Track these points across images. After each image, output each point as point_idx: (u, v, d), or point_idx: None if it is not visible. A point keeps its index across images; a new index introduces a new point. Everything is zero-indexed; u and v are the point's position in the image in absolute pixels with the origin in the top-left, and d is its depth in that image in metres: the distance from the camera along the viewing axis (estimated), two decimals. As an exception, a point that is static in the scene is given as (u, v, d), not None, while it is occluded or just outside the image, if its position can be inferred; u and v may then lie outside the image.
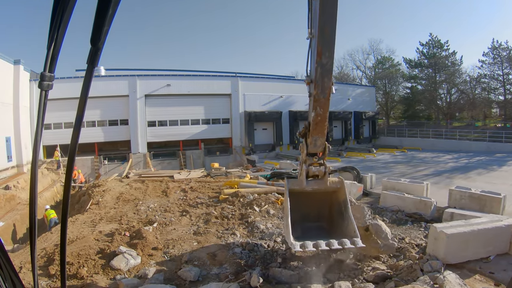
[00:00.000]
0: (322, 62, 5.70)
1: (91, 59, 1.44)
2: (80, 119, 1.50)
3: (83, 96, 1.47)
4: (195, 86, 34.57)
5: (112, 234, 9.67)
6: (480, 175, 19.48)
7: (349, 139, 42.44)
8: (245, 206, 12.25)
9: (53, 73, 1.44)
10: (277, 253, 8.05)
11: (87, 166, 29.50)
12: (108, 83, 31.21)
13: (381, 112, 56.61)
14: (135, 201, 14.34)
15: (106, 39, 1.42)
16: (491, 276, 6.72)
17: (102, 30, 1.37)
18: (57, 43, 1.35)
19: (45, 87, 1.45)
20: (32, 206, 1.61)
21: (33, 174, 1.63)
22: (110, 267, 7.48)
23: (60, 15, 1.29)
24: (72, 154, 1.56)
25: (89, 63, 1.45)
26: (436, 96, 50.31)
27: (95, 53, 1.43)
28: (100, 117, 31.61)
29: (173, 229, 10.37)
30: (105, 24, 1.36)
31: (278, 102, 38.25)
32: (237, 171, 22.70)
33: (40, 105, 1.47)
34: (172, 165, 32.23)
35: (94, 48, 1.41)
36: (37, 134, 1.50)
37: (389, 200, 12.07)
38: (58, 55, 1.39)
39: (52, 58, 1.39)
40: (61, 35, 1.34)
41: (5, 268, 1.36)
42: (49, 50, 1.35)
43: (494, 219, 8.03)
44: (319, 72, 5.81)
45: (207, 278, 7.10)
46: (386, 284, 6.60)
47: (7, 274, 1.36)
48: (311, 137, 6.64)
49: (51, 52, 1.37)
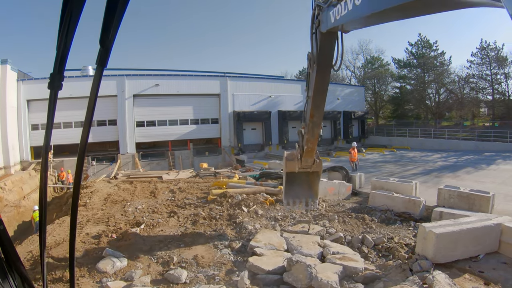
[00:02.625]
0: (313, 120, 7.91)
1: (100, 60, 1.42)
2: (89, 120, 1.49)
3: (92, 97, 1.45)
4: (184, 86, 34.37)
5: (99, 236, 9.56)
6: (469, 174, 19.56)
7: (338, 139, 42.43)
8: (233, 206, 12.15)
9: (62, 74, 1.42)
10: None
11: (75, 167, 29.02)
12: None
13: (370, 112, 56.79)
14: (123, 202, 14.15)
15: (115, 39, 1.41)
16: (481, 275, 6.70)
17: (110, 31, 1.36)
18: (66, 43, 1.34)
19: (55, 88, 1.42)
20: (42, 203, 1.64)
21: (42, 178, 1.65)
22: (96, 270, 7.35)
23: (69, 15, 1.28)
24: (82, 155, 1.58)
25: (98, 64, 1.42)
26: (425, 96, 50.62)
27: (104, 54, 1.42)
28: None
29: (161, 231, 10.23)
30: (113, 25, 1.35)
31: (267, 102, 38.19)
32: (226, 171, 22.60)
33: (50, 106, 1.46)
34: (161, 166, 31.98)
35: (103, 49, 1.40)
36: (47, 135, 1.52)
37: (378, 199, 12.03)
38: (67, 55, 1.38)
39: (61, 59, 1.37)
40: (70, 35, 1.33)
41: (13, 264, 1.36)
42: (58, 51, 1.34)
43: (483, 218, 8.04)
44: (311, 126, 8.04)
45: (194, 280, 7.00)
46: (375, 284, 6.60)
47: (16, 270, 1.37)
48: (303, 158, 8.79)
49: (61, 53, 1.35)
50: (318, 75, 7.11)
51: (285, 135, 38.00)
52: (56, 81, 1.43)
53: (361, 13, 4.35)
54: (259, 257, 7.64)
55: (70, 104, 27.24)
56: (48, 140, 1.54)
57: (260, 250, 8.04)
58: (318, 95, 7.51)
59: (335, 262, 7.32)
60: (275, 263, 7.25)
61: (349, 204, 12.98)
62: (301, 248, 8.20)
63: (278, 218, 11.03)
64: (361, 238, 8.81)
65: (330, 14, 5.67)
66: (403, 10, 3.56)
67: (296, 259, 6.73)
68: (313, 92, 7.48)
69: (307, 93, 8.09)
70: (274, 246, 8.34)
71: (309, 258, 7.56)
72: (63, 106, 27.35)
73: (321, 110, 7.88)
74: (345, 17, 4.99)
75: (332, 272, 6.72)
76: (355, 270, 7.12)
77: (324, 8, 6.05)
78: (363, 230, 9.90)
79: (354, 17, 4.64)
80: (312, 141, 8.35)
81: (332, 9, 5.60)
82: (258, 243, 8.41)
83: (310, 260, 7.21)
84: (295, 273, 6.55)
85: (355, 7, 4.52)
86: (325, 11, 6.00)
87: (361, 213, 11.29)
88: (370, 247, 8.53)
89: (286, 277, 6.61)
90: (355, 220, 10.65)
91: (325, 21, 6.02)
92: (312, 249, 8.20)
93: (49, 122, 1.50)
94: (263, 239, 8.69)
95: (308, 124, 8.04)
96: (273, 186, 15.05)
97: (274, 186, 15.04)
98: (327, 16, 5.88)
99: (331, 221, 10.42)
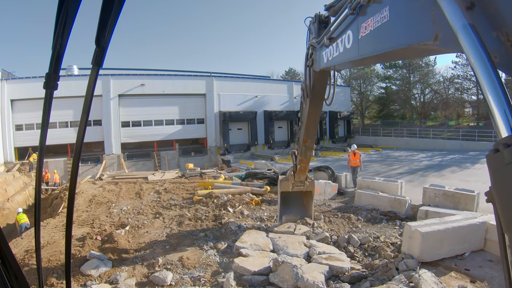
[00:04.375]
0: (306, 144, 8.80)
1: (96, 60, 1.41)
2: (85, 121, 1.53)
3: (88, 97, 1.47)
4: (169, 86, 34.15)
5: (83, 238, 9.43)
6: (454, 173, 19.77)
7: (324, 139, 42.57)
8: (219, 207, 12.07)
9: (58, 74, 1.40)
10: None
11: (60, 168, 28.61)
12: (81, 83, 29.63)
13: (356, 112, 57.21)
14: (108, 204, 13.98)
15: (110, 39, 1.40)
16: (467, 273, 6.73)
17: (106, 30, 1.35)
18: (62, 43, 1.31)
19: (50, 87, 1.41)
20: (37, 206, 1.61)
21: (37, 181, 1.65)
22: (80, 273, 7.31)
23: (65, 15, 1.25)
24: (77, 155, 1.56)
25: (94, 64, 1.41)
26: (410, 96, 51.19)
27: (100, 54, 1.40)
28: (73, 118, 30.40)
29: (146, 232, 10.13)
30: (109, 24, 1.34)
31: (253, 102, 38.16)
32: (212, 171, 22.51)
33: (45, 106, 1.44)
34: (146, 166, 31.74)
35: (98, 49, 1.39)
36: (42, 135, 1.49)
37: (364, 199, 12.04)
38: (63, 55, 1.35)
39: (57, 59, 1.35)
40: (66, 35, 1.30)
41: (9, 265, 1.30)
42: (54, 51, 1.32)
43: (468, 216, 8.09)
44: (304, 149, 8.86)
45: (180, 282, 6.96)
46: (361, 284, 6.58)
47: (11, 270, 1.31)
48: (297, 175, 9.53)
49: (56, 53, 1.33)
50: (311, 108, 7.83)
51: (271, 135, 38.00)
52: (51, 81, 1.40)
53: (351, 56, 4.50)
54: (245, 258, 7.54)
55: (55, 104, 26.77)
56: (43, 141, 1.50)
57: (246, 251, 7.94)
58: (311, 124, 8.36)
59: (321, 262, 7.27)
60: (261, 264, 7.17)
61: (335, 203, 12.96)
62: (287, 248, 8.14)
63: (264, 219, 10.98)
64: (347, 238, 8.78)
65: (323, 54, 5.95)
66: (389, 56, 3.83)
67: (282, 260, 6.70)
68: (306, 121, 8.27)
69: (300, 118, 8.99)
70: (260, 247, 8.26)
71: (295, 258, 7.51)
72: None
73: (313, 136, 8.86)
74: (337, 58, 5.20)
75: (318, 272, 6.67)
76: (341, 269, 7.09)
77: (317, 48, 6.34)
78: (349, 229, 9.89)
79: (345, 60, 4.80)
80: (305, 161, 9.16)
81: (325, 50, 5.82)
82: (244, 244, 8.33)
83: (296, 261, 7.17)
84: (281, 273, 6.49)
85: (346, 50, 4.67)
86: (318, 51, 6.30)
87: (347, 212, 11.28)
88: (356, 246, 8.51)
89: (272, 278, 6.56)
90: (341, 219, 10.63)
91: (319, 60, 6.38)
92: (298, 249, 8.15)
93: (44, 122, 1.48)
94: (248, 240, 8.61)
95: (301, 147, 8.89)
96: (259, 186, 14.98)
97: (260, 186, 14.97)
98: (320, 56, 6.18)
99: (317, 220, 10.38)
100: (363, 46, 4.06)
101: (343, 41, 4.71)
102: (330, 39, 5.36)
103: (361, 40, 4.07)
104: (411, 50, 3.18)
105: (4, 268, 1.28)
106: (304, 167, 9.26)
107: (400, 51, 3.28)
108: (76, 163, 1.59)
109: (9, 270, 1.30)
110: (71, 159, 8.60)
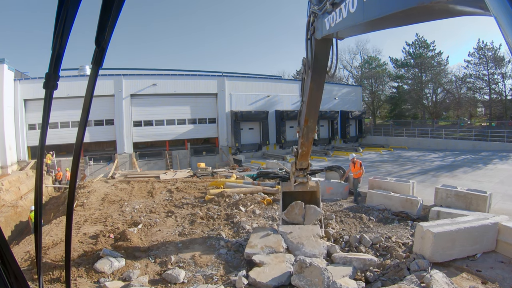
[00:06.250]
0: (308, 125, 8.15)
1: (96, 60, 1.43)
2: (85, 119, 1.56)
3: (88, 96, 1.50)
4: (181, 86, 34.25)
5: (96, 236, 9.55)
6: (466, 174, 19.61)
7: (336, 138, 42.43)
8: (231, 206, 12.16)
9: (58, 74, 1.42)
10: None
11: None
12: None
13: (368, 112, 56.78)
14: (121, 202, 14.15)
15: (110, 39, 1.42)
16: (478, 274, 6.72)
17: (106, 30, 1.38)
18: (62, 43, 1.34)
19: (50, 87, 1.42)
20: (37, 206, 1.64)
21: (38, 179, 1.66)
22: (94, 270, 7.36)
23: (65, 15, 1.28)
24: (77, 155, 1.59)
25: (93, 64, 1.44)
26: (422, 96, 50.69)
27: (99, 54, 1.43)
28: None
29: (158, 230, 10.23)
30: (109, 25, 1.36)
31: (265, 101, 38.11)
32: (223, 171, 22.59)
33: (45, 105, 1.46)
34: (158, 165, 31.89)
35: (98, 49, 1.41)
36: (42, 135, 1.52)
37: (375, 199, 12.04)
38: (63, 55, 1.37)
39: (57, 59, 1.37)
40: (65, 35, 1.32)
41: (9, 265, 1.34)
42: (53, 51, 1.34)
43: (480, 217, 8.05)
44: (305, 130, 8.27)
45: (192, 280, 6.99)
46: (373, 283, 6.56)
47: (11, 270, 1.35)
48: (298, 161, 9.13)
49: (56, 53, 1.35)
50: (313, 81, 7.24)
51: (283, 134, 37.94)
52: (51, 81, 1.43)
53: (356, 20, 4.34)
54: (260, 268, 6.99)
55: (68, 104, 27.31)
56: (43, 140, 1.53)
57: (259, 257, 7.41)
58: (312, 100, 7.66)
59: (346, 259, 7.30)
60: (280, 271, 6.81)
61: (347, 203, 12.99)
62: (303, 246, 7.90)
63: (275, 218, 11.05)
64: (359, 238, 8.79)
65: (325, 21, 5.68)
66: (396, 18, 3.57)
67: (309, 262, 6.37)
68: (308, 98, 7.65)
69: (302, 98, 8.40)
70: (272, 247, 7.81)
71: (314, 259, 7.10)
72: (61, 105, 27.38)
73: (316, 115, 8.08)
74: (340, 24, 4.98)
75: (344, 274, 6.64)
76: (370, 262, 7.16)
77: (319, 15, 6.05)
78: (361, 229, 9.91)
79: (349, 25, 4.63)
80: (307, 144, 8.62)
81: (327, 16, 5.60)
82: (254, 249, 7.81)
83: (317, 262, 6.74)
84: (308, 276, 6.18)
85: (350, 15, 4.51)
86: (320, 18, 6.01)
87: (358, 212, 11.30)
88: (367, 246, 8.51)
89: (297, 280, 6.22)
90: (352, 219, 10.66)
91: (320, 28, 6.05)
92: (316, 246, 7.91)
93: (44, 122, 1.50)
94: (258, 242, 8.07)
95: (303, 129, 8.27)
96: (271, 185, 15.05)
97: (271, 185, 15.04)
98: (322, 23, 5.90)
99: (328, 220, 10.42)
100: (369, 8, 3.93)
101: (347, 6, 4.56)
102: (333, 5, 5.21)
103: (367, 2, 3.96)
104: (421, 11, 3.05)
105: (4, 268, 1.32)
106: (306, 151, 8.77)
107: (409, 11, 3.14)
108: (76, 163, 1.63)
109: (9, 270, 1.34)
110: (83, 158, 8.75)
